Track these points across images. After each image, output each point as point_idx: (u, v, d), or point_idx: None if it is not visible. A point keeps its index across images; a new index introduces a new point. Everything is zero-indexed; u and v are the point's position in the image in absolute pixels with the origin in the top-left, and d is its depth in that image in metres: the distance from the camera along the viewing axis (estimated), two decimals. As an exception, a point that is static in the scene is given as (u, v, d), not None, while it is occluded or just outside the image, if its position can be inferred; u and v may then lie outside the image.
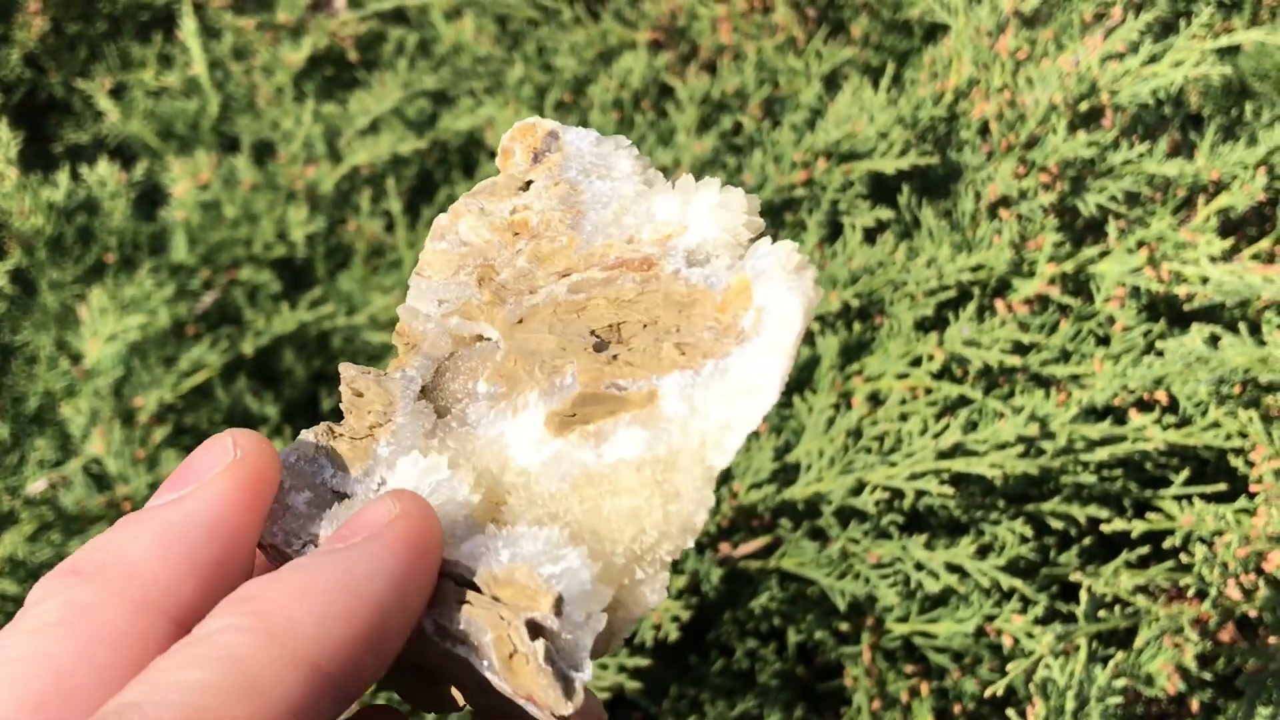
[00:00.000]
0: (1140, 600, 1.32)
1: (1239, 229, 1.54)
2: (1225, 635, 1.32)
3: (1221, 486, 1.32)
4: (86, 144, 2.04)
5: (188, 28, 1.94)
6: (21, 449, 1.51)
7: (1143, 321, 1.40)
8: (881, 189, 1.63)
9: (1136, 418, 1.34)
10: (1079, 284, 1.45)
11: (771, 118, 1.78)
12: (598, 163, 0.60)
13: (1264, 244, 1.43)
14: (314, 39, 2.01)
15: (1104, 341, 1.43)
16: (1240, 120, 1.58)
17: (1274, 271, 1.37)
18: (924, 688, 1.40)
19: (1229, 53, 1.70)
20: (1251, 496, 1.30)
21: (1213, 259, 1.39)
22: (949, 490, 1.32)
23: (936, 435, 1.35)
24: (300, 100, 1.96)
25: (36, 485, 1.49)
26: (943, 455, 1.34)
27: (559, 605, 0.48)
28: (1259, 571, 1.24)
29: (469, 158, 1.96)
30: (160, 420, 1.61)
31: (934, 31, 1.91)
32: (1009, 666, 1.25)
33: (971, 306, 1.42)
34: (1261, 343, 1.32)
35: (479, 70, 1.99)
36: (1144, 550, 1.34)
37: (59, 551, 1.43)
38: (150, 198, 1.90)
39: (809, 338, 1.50)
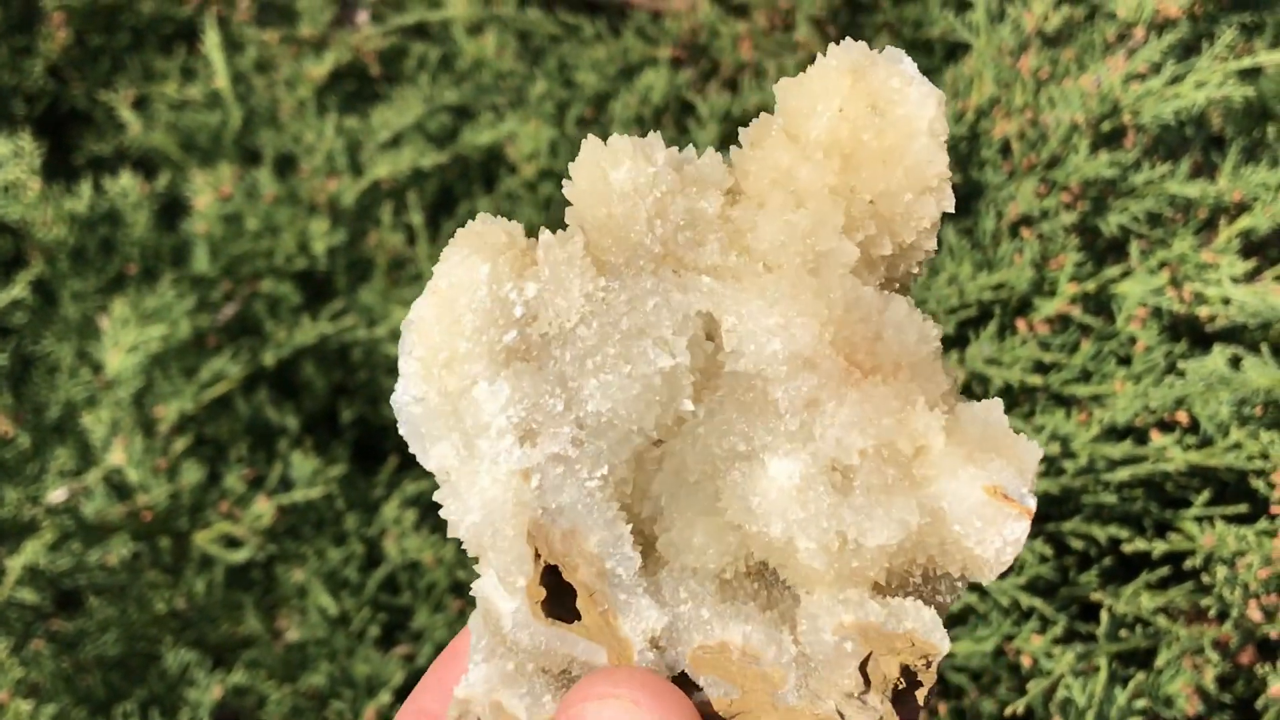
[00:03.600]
0: (1161, 621, 1.31)
1: (1261, 250, 1.54)
2: (1246, 657, 1.32)
3: (1243, 508, 1.32)
4: (108, 156, 2.05)
5: (211, 41, 1.95)
6: (42, 458, 1.52)
7: (1164, 342, 1.40)
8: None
9: (1158, 438, 1.34)
10: (1100, 304, 1.45)
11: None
12: None
13: (1286, 265, 1.43)
14: (336, 53, 2.02)
15: (1125, 362, 1.42)
16: (1262, 142, 1.57)
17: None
18: (942, 708, 1.40)
19: (1251, 75, 1.70)
20: (1273, 518, 1.30)
21: (1235, 280, 1.39)
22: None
23: (957, 453, 1.35)
24: (322, 114, 1.96)
25: (57, 494, 1.49)
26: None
27: None
28: (1280, 593, 1.24)
29: (490, 172, 1.97)
30: (181, 430, 1.61)
31: (955, 51, 1.91)
32: (1029, 685, 1.24)
33: (993, 325, 1.42)
34: (1283, 363, 1.32)
35: (500, 85, 1.99)
36: (1164, 571, 1.34)
37: (79, 560, 1.43)
38: (172, 210, 1.90)
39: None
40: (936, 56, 1.95)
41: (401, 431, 0.63)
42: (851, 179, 0.61)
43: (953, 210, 0.62)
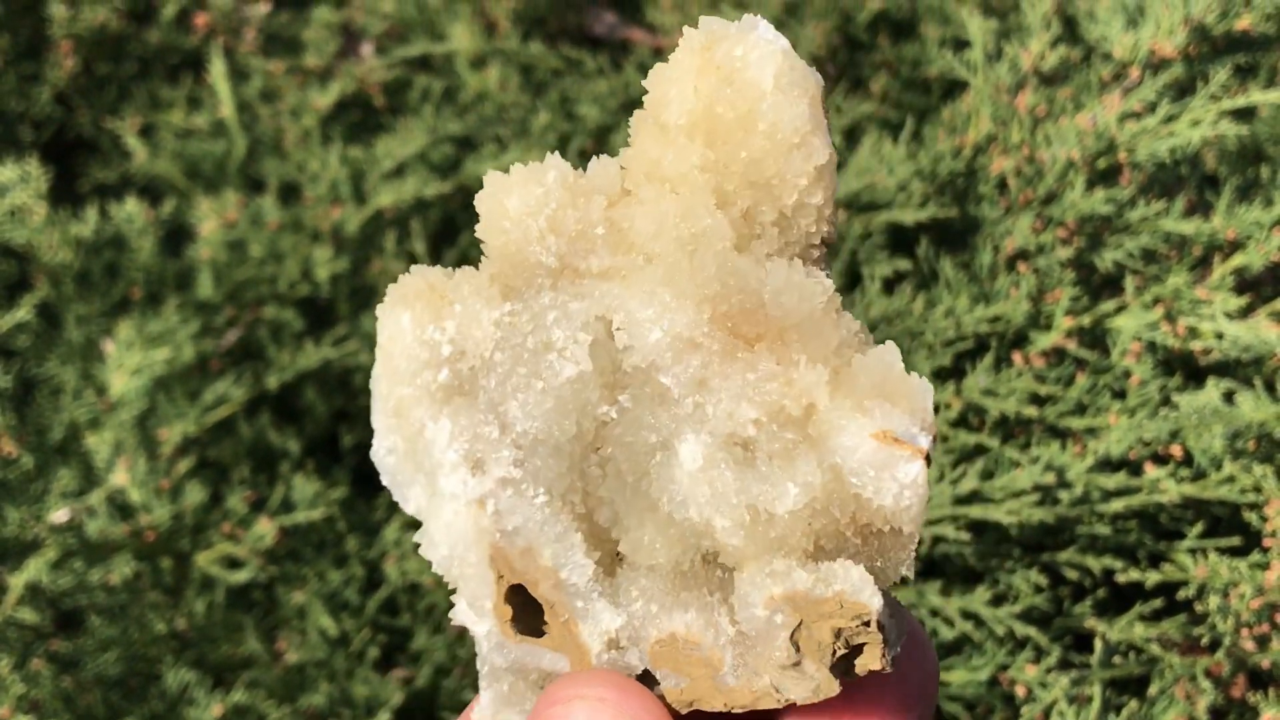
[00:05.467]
0: (1154, 648, 1.32)
1: (1255, 288, 1.56)
2: (1237, 690, 1.33)
3: (1235, 540, 1.33)
4: (114, 182, 2.07)
5: (217, 70, 1.97)
6: (45, 479, 1.53)
7: (1158, 375, 1.41)
8: (900, 240, 1.65)
9: (1152, 470, 1.36)
10: (1095, 338, 1.47)
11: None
12: None
13: (1278, 304, 1.45)
14: (341, 84, 2.04)
15: (1120, 395, 1.44)
16: (1256, 182, 1.60)
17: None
18: (936, 735, 1.41)
19: (1245, 116, 1.72)
20: (1265, 550, 1.31)
21: (1228, 315, 1.41)
22: (965, 535, 1.33)
23: (954, 482, 1.36)
24: (327, 143, 1.98)
25: (59, 514, 1.50)
26: (960, 501, 1.35)
27: None
28: (1272, 623, 1.25)
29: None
30: (184, 452, 1.62)
31: (952, 89, 1.93)
32: (1023, 710, 1.25)
33: (989, 357, 1.43)
34: (1276, 399, 1.34)
35: (503, 117, 2.01)
36: (1158, 603, 1.35)
37: (80, 580, 1.44)
38: (177, 236, 1.92)
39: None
40: (935, 95, 1.98)
41: (384, 483, 0.66)
42: (717, 154, 0.61)
43: (825, 161, 0.61)
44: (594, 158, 0.65)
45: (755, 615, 0.60)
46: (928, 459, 0.59)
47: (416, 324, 0.63)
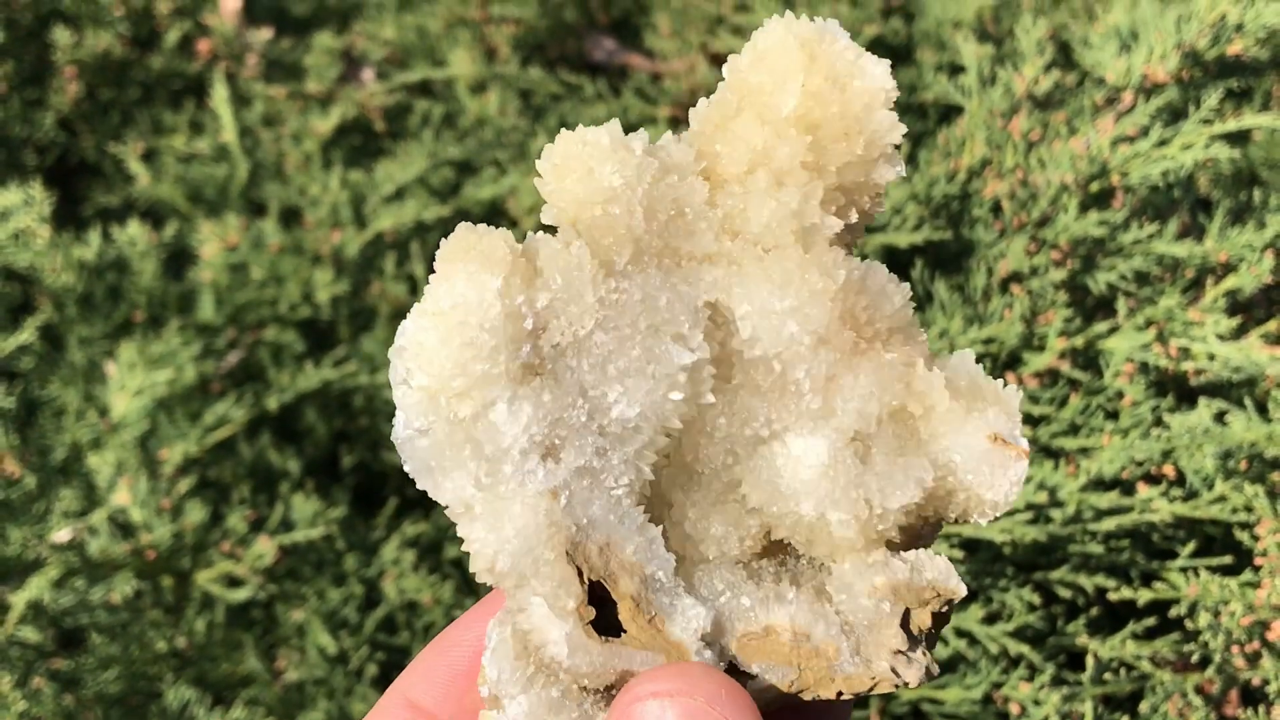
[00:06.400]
0: (1145, 665, 1.33)
1: (1247, 310, 1.57)
2: (1229, 707, 1.33)
3: (1227, 559, 1.34)
4: (117, 206, 2.08)
5: (219, 95, 1.98)
6: (48, 498, 1.54)
7: (1151, 396, 1.42)
8: (896, 263, 1.66)
9: (1144, 490, 1.37)
10: (1088, 359, 1.48)
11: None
12: None
13: (1271, 325, 1.46)
14: (342, 109, 2.06)
15: (1112, 415, 1.45)
16: (1249, 205, 1.61)
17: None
18: (931, 753, 1.41)
19: (1239, 140, 1.73)
20: (1256, 569, 1.32)
21: (1220, 337, 1.42)
22: (959, 554, 1.34)
23: (947, 502, 1.37)
24: (328, 167, 2.00)
25: (62, 534, 1.51)
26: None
27: None
28: (1263, 641, 1.26)
29: (491, 225, 1.99)
30: (185, 472, 1.63)
31: (949, 114, 1.94)
32: (1016, 729, 1.26)
33: (983, 378, 1.44)
34: (1268, 419, 1.35)
35: (502, 141, 2.03)
36: (1151, 621, 1.35)
37: (82, 598, 1.45)
38: (179, 259, 1.93)
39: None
40: (931, 119, 1.99)
41: (407, 468, 0.60)
42: (819, 154, 0.61)
43: (905, 175, 0.66)
44: (668, 134, 0.63)
45: (862, 605, 0.61)
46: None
47: (506, 293, 0.59)
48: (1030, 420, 1.45)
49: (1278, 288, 1.55)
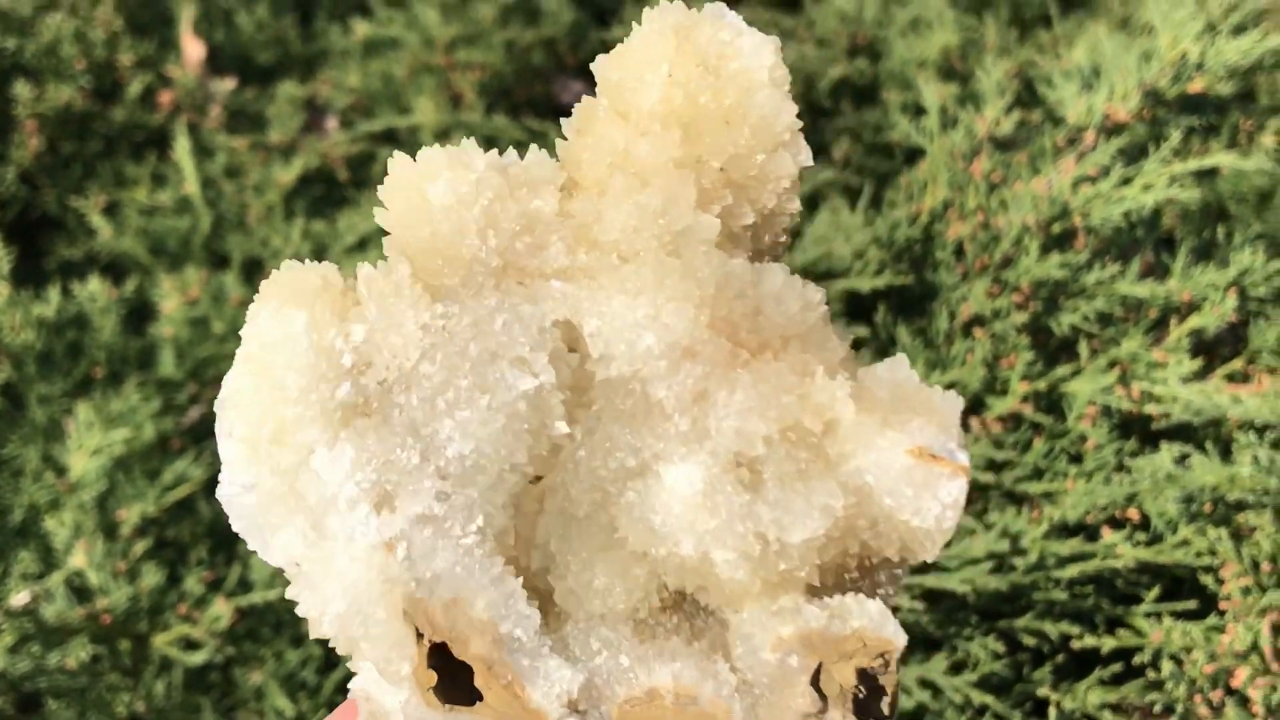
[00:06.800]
0: (1107, 716, 1.32)
1: (1212, 350, 1.56)
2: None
3: (1192, 604, 1.33)
4: (79, 260, 2.07)
5: (181, 148, 1.98)
6: (6, 561, 1.52)
7: (1114, 439, 1.41)
8: (858, 307, 1.65)
9: (1108, 535, 1.35)
10: (1051, 402, 1.47)
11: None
12: None
13: (1236, 364, 1.45)
14: (305, 159, 2.05)
15: (1076, 459, 1.44)
16: (1213, 242, 1.60)
17: (1245, 391, 1.39)
18: (900, 806, 1.40)
19: (1207, 174, 1.73)
20: (1221, 614, 1.30)
21: (1183, 379, 1.41)
22: (920, 605, 1.32)
23: (909, 551, 1.36)
24: (290, 218, 1.99)
25: (19, 598, 1.49)
26: (915, 571, 1.35)
27: None
28: (1226, 688, 1.24)
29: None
30: (142, 533, 1.61)
31: (914, 154, 1.94)
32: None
33: (945, 424, 1.43)
34: (1231, 462, 1.34)
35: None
36: (1117, 668, 1.34)
37: (38, 663, 1.43)
38: (140, 313, 1.92)
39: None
40: (897, 160, 1.98)
41: (236, 527, 0.56)
42: (696, 147, 0.56)
43: (811, 163, 0.57)
44: (533, 148, 0.58)
45: (763, 660, 0.54)
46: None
47: (315, 327, 0.54)
48: (994, 465, 1.44)
49: (1243, 325, 1.54)
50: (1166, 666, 1.25)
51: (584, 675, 0.54)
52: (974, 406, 1.48)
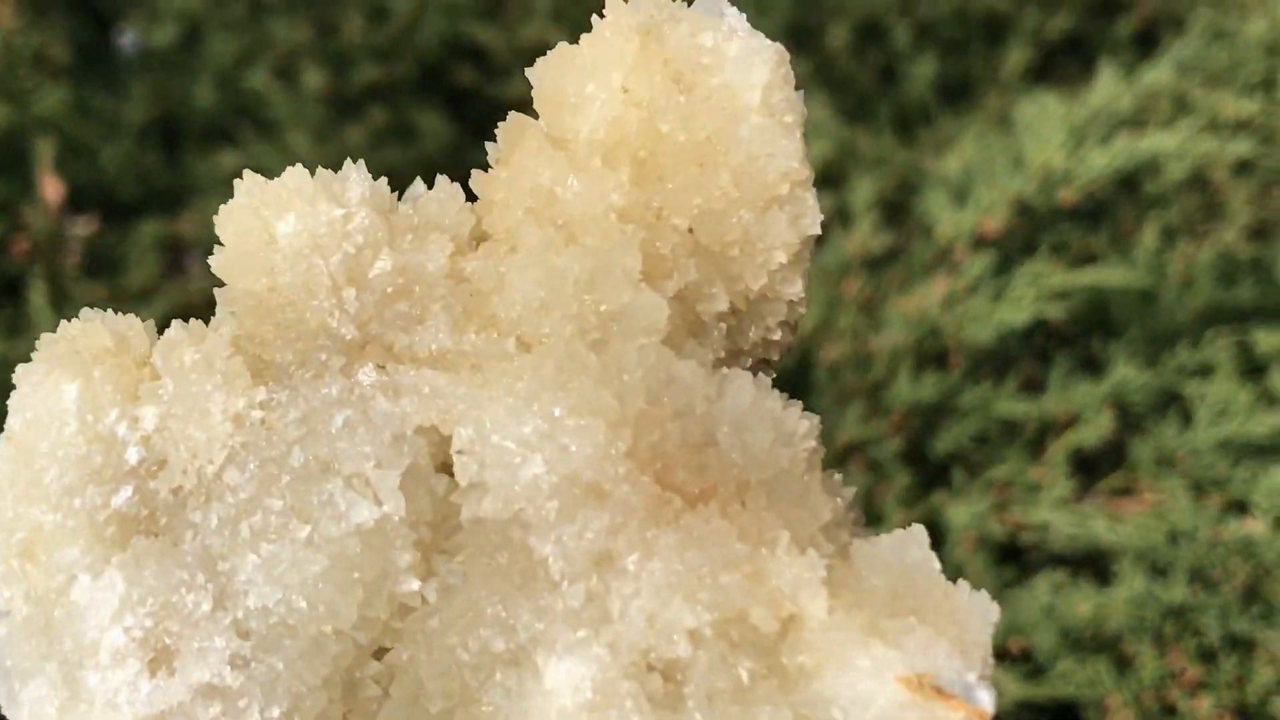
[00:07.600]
0: None
1: (1093, 465, 1.53)
2: None
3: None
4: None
5: (37, 298, 1.91)
6: None
7: (993, 566, 1.37)
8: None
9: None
10: (931, 530, 1.43)
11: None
12: None
13: (1117, 479, 1.41)
14: (167, 301, 1.99)
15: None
16: (1090, 355, 1.57)
17: (1127, 507, 1.35)
18: None
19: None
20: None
21: (1058, 502, 1.37)
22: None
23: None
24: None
25: None
26: None
27: None
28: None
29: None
30: None
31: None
32: None
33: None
34: (1107, 588, 1.30)
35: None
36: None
37: None
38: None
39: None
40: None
41: None
42: (652, 195, 0.41)
43: (818, 231, 0.41)
44: (441, 179, 0.43)
45: None
46: None
47: (88, 403, 0.40)
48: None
49: (1125, 437, 1.51)
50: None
51: None
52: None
